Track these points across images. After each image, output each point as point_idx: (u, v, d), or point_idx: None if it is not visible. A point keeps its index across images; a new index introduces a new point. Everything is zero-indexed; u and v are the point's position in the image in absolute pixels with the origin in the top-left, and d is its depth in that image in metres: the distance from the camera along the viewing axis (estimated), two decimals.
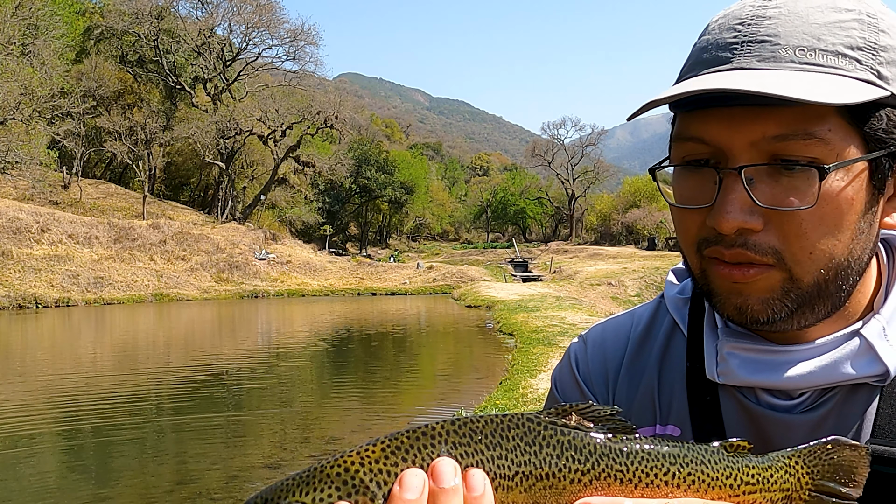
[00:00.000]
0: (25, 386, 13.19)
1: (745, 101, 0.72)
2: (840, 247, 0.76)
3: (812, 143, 0.72)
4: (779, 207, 0.74)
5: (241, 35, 59.78)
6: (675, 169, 0.83)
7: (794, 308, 0.77)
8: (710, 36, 0.80)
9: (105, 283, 35.09)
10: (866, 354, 0.80)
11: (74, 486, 7.34)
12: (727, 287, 0.79)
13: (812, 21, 0.73)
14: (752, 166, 0.74)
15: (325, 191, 70.62)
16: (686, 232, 0.82)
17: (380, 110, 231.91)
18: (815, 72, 0.71)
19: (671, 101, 0.79)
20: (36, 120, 41.22)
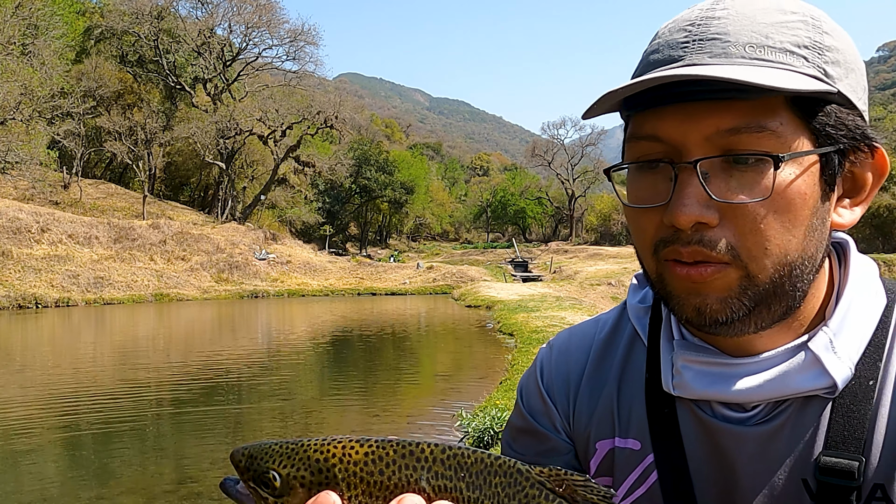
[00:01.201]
0: (25, 386, 13.20)
1: (699, 97, 0.74)
2: (794, 243, 0.77)
3: (765, 135, 0.74)
4: (733, 201, 0.75)
5: (241, 35, 59.87)
6: (629, 170, 0.83)
7: (752, 307, 0.78)
8: (660, 39, 0.82)
9: (105, 283, 35.10)
10: (813, 367, 0.80)
11: (74, 485, 7.34)
12: (685, 288, 0.79)
13: (760, 21, 0.76)
14: (707, 159, 0.75)
15: (325, 191, 70.63)
16: (643, 234, 0.82)
17: (380, 110, 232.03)
18: (766, 66, 0.73)
19: (624, 100, 0.80)
20: (36, 120, 41.21)
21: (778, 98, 0.74)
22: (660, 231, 0.79)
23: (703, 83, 0.73)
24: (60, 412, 10.78)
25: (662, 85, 0.75)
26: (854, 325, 0.83)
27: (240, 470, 0.67)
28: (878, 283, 0.89)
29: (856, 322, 0.83)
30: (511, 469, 0.61)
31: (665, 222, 0.77)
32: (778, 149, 0.74)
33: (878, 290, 0.88)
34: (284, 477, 0.63)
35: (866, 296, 0.86)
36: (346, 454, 0.62)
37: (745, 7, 0.77)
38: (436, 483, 0.60)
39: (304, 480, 0.62)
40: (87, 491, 7.15)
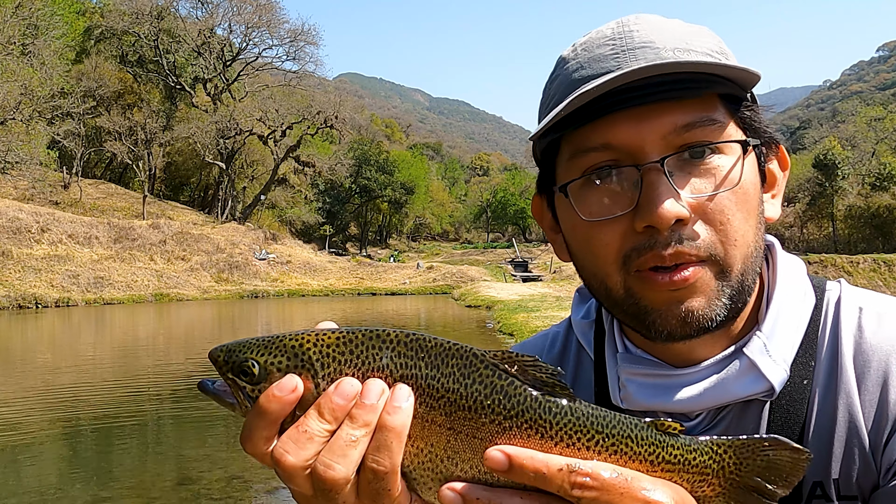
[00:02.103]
0: (25, 386, 13.19)
1: (649, 100, 0.77)
2: (752, 234, 0.81)
3: (716, 128, 0.78)
4: (703, 194, 0.77)
5: (241, 35, 59.91)
6: (574, 189, 0.82)
7: (730, 305, 0.79)
8: (577, 61, 0.84)
9: (105, 283, 35.09)
10: (750, 373, 0.82)
11: (74, 486, 7.34)
12: (665, 298, 0.78)
13: (674, 32, 0.82)
14: (672, 155, 0.77)
15: (325, 191, 70.62)
16: (605, 248, 0.80)
17: (380, 110, 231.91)
18: (702, 58, 0.79)
19: (562, 120, 0.80)
20: (36, 120, 41.22)
21: (714, 96, 0.80)
22: (629, 240, 0.78)
23: (649, 86, 0.76)
24: (60, 412, 10.78)
25: (609, 93, 0.77)
26: (786, 328, 0.85)
27: (218, 365, 0.70)
28: (807, 281, 0.91)
29: (788, 324, 0.85)
30: (467, 353, 0.67)
31: (637, 228, 0.77)
32: (727, 139, 0.79)
33: (807, 290, 0.90)
34: (262, 364, 0.67)
35: (796, 296, 0.88)
36: (320, 339, 0.67)
37: (655, 23, 0.83)
38: (398, 361, 0.66)
39: (280, 365, 0.67)
40: (87, 490, 7.15)
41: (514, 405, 0.65)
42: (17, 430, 9.60)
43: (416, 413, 0.66)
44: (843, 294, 0.89)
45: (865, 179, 52.58)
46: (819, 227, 53.47)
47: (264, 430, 0.65)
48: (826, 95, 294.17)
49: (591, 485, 0.62)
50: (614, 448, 0.67)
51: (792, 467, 0.72)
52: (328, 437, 0.64)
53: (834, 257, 38.95)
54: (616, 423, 0.67)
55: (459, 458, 0.66)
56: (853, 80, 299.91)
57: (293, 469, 0.64)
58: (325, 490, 0.64)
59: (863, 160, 56.73)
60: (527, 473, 0.63)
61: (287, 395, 0.64)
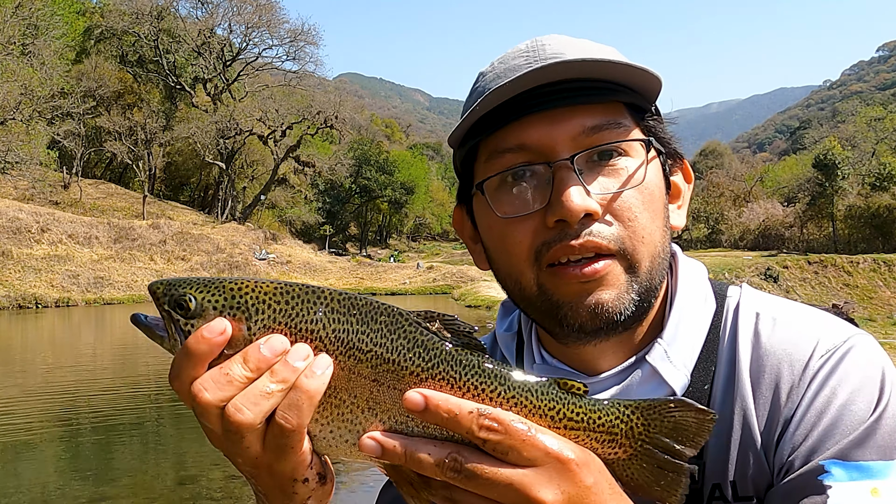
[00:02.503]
0: (26, 386, 13.19)
1: (560, 103, 0.83)
2: (658, 234, 0.86)
3: (622, 130, 0.85)
4: (611, 191, 0.83)
5: (241, 35, 59.88)
6: (490, 190, 0.87)
7: (637, 300, 0.84)
8: (493, 72, 0.90)
9: (105, 282, 35.09)
10: (653, 379, 0.87)
11: (75, 484, 7.34)
12: (576, 290, 0.83)
13: (583, 46, 0.89)
14: (582, 153, 0.83)
15: (325, 191, 70.61)
16: (518, 246, 0.85)
17: (380, 110, 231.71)
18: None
19: (476, 123, 0.86)
20: (36, 120, 41.21)
21: (619, 104, 0.86)
22: (540, 235, 0.83)
23: (561, 91, 0.83)
24: (60, 412, 10.78)
25: (521, 98, 0.83)
26: (687, 334, 0.89)
27: (157, 296, 0.73)
28: (708, 287, 0.95)
29: (688, 330, 0.89)
30: (395, 312, 0.72)
31: (548, 223, 0.82)
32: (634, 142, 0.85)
33: (707, 296, 0.94)
34: (199, 300, 0.70)
35: (697, 303, 0.92)
36: (258, 287, 0.71)
37: (563, 40, 0.90)
38: (331, 316, 0.70)
39: (217, 304, 0.70)
40: (88, 489, 7.15)
41: (430, 358, 0.70)
42: (18, 430, 9.60)
43: (345, 366, 0.70)
44: (741, 299, 0.93)
45: (865, 179, 52.57)
46: (819, 227, 53.44)
47: (191, 368, 0.68)
48: (826, 95, 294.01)
49: (497, 428, 0.66)
50: (516, 401, 0.70)
51: (698, 428, 0.74)
52: (247, 383, 0.67)
53: (834, 257, 38.91)
54: (519, 378, 0.71)
55: (380, 409, 0.70)
56: (853, 80, 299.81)
57: (207, 406, 0.66)
58: (231, 431, 0.67)
59: (863, 160, 56.71)
60: (440, 414, 0.66)
61: (215, 338, 0.67)
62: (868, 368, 0.84)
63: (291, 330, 0.70)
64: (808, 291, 35.28)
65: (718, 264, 37.19)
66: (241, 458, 0.70)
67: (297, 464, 0.70)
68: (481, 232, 0.93)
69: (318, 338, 0.70)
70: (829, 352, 0.85)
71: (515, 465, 0.66)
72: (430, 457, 0.67)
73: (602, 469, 0.71)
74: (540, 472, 0.66)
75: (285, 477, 0.71)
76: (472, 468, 0.66)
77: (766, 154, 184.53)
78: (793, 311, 0.91)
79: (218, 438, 0.69)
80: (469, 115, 0.86)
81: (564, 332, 0.86)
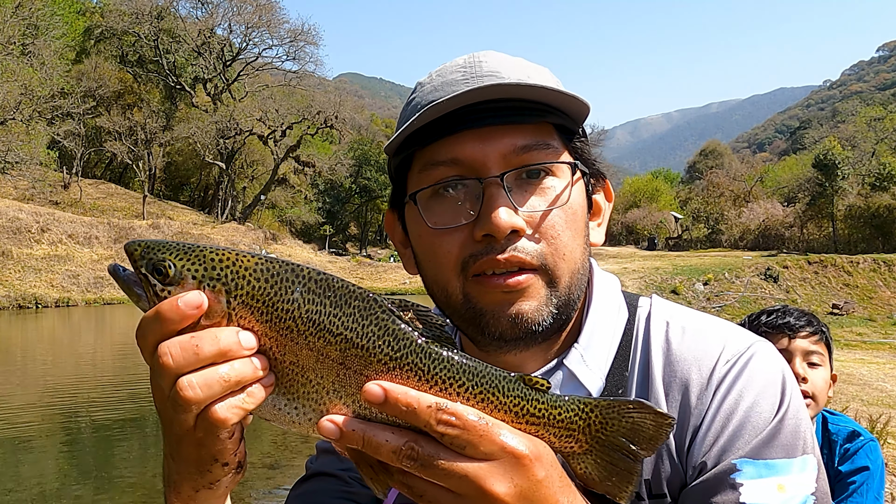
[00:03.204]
0: (26, 386, 13.19)
1: (492, 121, 0.87)
2: (579, 252, 0.91)
3: (550, 151, 0.89)
4: (537, 209, 0.87)
5: (241, 35, 59.90)
6: (422, 200, 0.90)
7: (556, 313, 0.88)
8: (431, 84, 0.94)
9: (105, 283, 35.08)
10: (570, 382, 0.93)
11: (74, 484, 7.34)
12: (498, 300, 0.87)
13: (518, 66, 0.93)
14: (512, 171, 0.87)
15: (325, 191, 70.62)
16: (446, 256, 0.89)
17: (380, 110, 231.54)
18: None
19: (413, 135, 0.89)
20: (36, 120, 41.22)
21: (549, 125, 0.91)
22: (467, 248, 0.87)
23: (493, 109, 0.87)
24: (60, 412, 10.78)
25: (457, 113, 0.87)
26: (601, 340, 0.96)
27: (134, 258, 0.72)
28: (621, 298, 1.01)
29: (602, 337, 0.96)
30: (370, 298, 0.72)
31: (476, 236, 0.86)
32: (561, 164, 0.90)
33: (620, 306, 1.00)
34: (179, 268, 0.69)
35: (610, 312, 0.98)
36: (239, 261, 0.70)
37: (500, 58, 0.94)
38: (307, 296, 0.70)
39: (196, 274, 0.70)
40: (87, 489, 7.15)
41: (399, 348, 0.71)
42: (18, 430, 9.60)
43: (313, 346, 0.70)
44: (652, 309, 0.99)
45: (865, 179, 52.52)
46: (819, 227, 53.40)
47: (159, 331, 0.69)
48: (826, 95, 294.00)
49: (455, 423, 0.67)
50: (482, 396, 0.71)
51: (655, 430, 0.76)
52: (209, 363, 0.68)
53: (834, 257, 38.87)
54: (487, 374, 0.72)
55: (345, 392, 0.71)
56: (853, 80, 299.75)
57: (167, 371, 0.68)
58: (175, 401, 0.68)
59: (863, 160, 56.65)
60: (399, 407, 0.68)
61: (190, 311, 0.68)
62: (770, 373, 0.91)
63: (267, 307, 0.70)
64: (808, 291, 35.27)
65: (718, 264, 37.17)
66: (176, 426, 0.71)
67: (225, 449, 0.73)
68: (412, 239, 0.96)
69: (292, 317, 0.70)
70: (734, 357, 0.92)
71: (472, 458, 0.68)
72: (388, 443, 0.68)
73: (554, 463, 0.73)
74: (495, 465, 0.68)
75: (209, 455, 0.73)
76: (429, 458, 0.68)
77: (766, 154, 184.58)
78: (700, 321, 0.98)
79: (162, 400, 0.71)
80: (406, 127, 0.88)
81: (486, 339, 0.89)
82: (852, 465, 2.10)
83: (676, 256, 44.90)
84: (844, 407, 8.05)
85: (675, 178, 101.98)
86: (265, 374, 0.70)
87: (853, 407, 8.59)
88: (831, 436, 2.19)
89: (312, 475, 1.09)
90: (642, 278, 33.90)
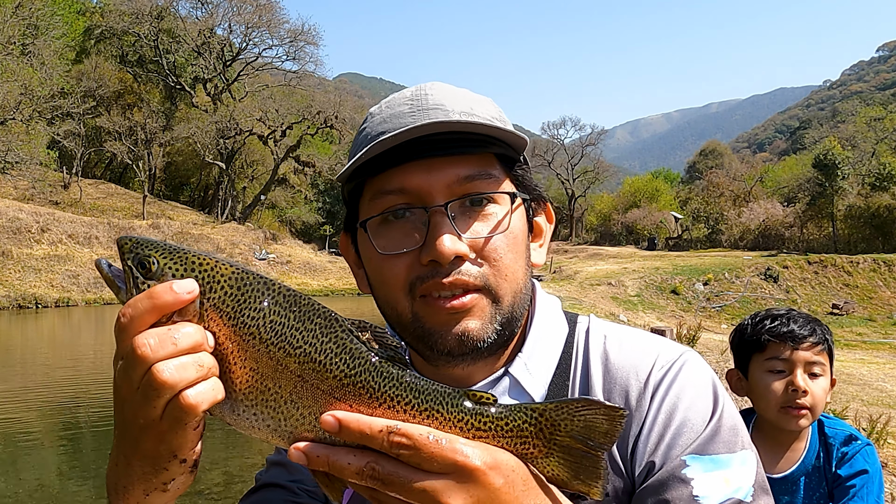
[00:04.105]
0: (26, 386, 13.19)
1: (437, 153, 0.93)
2: (521, 272, 0.98)
3: (492, 181, 0.96)
4: (480, 235, 0.94)
5: (241, 35, 59.85)
6: (371, 225, 0.96)
7: (500, 329, 0.95)
8: (381, 115, 1.00)
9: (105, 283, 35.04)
10: (515, 388, 1.00)
11: (74, 485, 7.34)
12: (444, 320, 0.93)
13: (462, 98, 0.99)
14: (455, 200, 0.93)
15: (325, 191, 70.62)
16: (395, 278, 0.95)
17: None
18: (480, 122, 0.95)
19: (363, 165, 0.95)
20: (36, 120, 41.21)
21: (491, 155, 0.98)
22: (414, 270, 0.93)
23: (438, 141, 0.93)
24: (60, 412, 10.78)
25: (404, 145, 0.93)
26: (543, 351, 1.03)
27: (123, 251, 0.78)
28: (561, 315, 1.09)
29: (545, 348, 1.03)
30: (332, 317, 0.77)
31: (422, 261, 0.92)
32: (501, 191, 0.97)
33: (560, 322, 1.08)
34: (161, 265, 0.75)
35: (552, 325, 1.06)
36: (218, 266, 0.76)
37: (445, 90, 1.00)
38: (274, 308, 0.75)
39: (176, 273, 0.75)
40: (87, 489, 7.15)
41: (355, 366, 0.75)
42: (17, 430, 9.60)
43: (274, 356, 0.74)
44: (590, 325, 1.08)
45: (865, 179, 52.47)
46: (819, 227, 53.36)
47: (140, 319, 0.73)
48: (826, 95, 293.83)
49: (407, 444, 0.71)
50: (428, 412, 0.75)
51: (609, 423, 0.78)
52: (184, 353, 0.72)
53: (834, 257, 38.86)
54: (432, 391, 0.76)
55: (301, 404, 0.75)
56: (853, 80, 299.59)
57: (143, 359, 0.72)
58: (150, 388, 0.72)
59: (863, 160, 56.61)
60: (353, 434, 0.72)
61: (182, 295, 0.73)
62: (701, 377, 1.00)
63: (236, 312, 0.75)
64: (808, 291, 35.27)
65: (718, 264, 37.16)
66: (140, 418, 0.75)
67: (187, 442, 0.76)
68: (364, 261, 1.03)
69: (256, 324, 0.74)
70: (667, 363, 1.00)
71: (429, 473, 0.72)
72: (351, 466, 0.72)
73: (515, 468, 0.77)
74: (450, 479, 0.72)
75: (168, 450, 0.76)
76: (389, 476, 0.72)
77: (766, 154, 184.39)
78: (635, 335, 1.07)
79: (130, 391, 0.76)
80: (355, 160, 0.94)
81: (434, 355, 0.95)
82: (851, 469, 2.08)
83: (676, 256, 44.89)
84: (844, 407, 8.04)
85: (675, 178, 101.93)
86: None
87: (853, 407, 8.58)
88: (828, 439, 2.16)
89: (261, 486, 1.13)
90: (642, 278, 33.88)
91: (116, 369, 0.78)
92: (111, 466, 0.84)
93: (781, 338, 2.12)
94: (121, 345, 0.76)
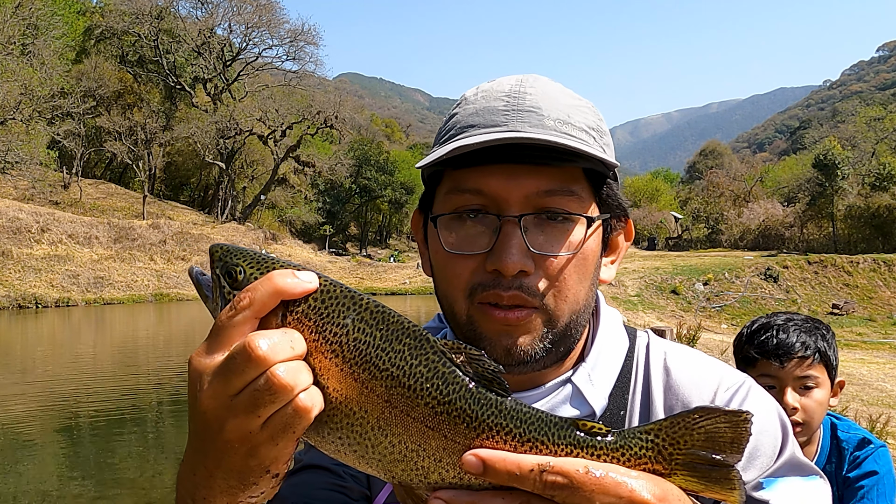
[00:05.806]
0: (25, 386, 13.19)
1: (521, 160, 0.89)
2: (583, 293, 0.94)
3: (573, 199, 0.91)
4: (549, 253, 0.90)
5: (241, 35, 59.87)
6: (442, 219, 0.94)
7: (550, 347, 0.92)
8: (475, 105, 0.96)
9: (105, 282, 35.09)
10: (577, 397, 0.97)
11: (74, 484, 7.35)
12: (498, 330, 0.90)
13: (561, 102, 0.94)
14: (530, 215, 0.89)
15: (325, 191, 70.58)
16: (457, 278, 0.92)
17: (380, 110, 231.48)
18: (572, 139, 0.90)
19: (449, 158, 0.90)
20: (36, 120, 41.22)
21: (578, 169, 0.92)
22: (477, 276, 0.90)
23: (524, 147, 0.88)
24: (60, 412, 10.79)
25: (489, 147, 0.88)
26: (605, 363, 1.01)
27: (213, 259, 0.75)
28: (623, 329, 1.08)
29: (607, 360, 1.01)
30: (422, 337, 0.70)
31: (487, 268, 0.89)
32: (581, 210, 0.92)
33: (622, 335, 1.07)
34: (248, 275, 0.73)
35: (614, 339, 1.05)
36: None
37: (546, 88, 0.95)
38: (359, 325, 0.69)
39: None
40: (87, 489, 7.15)
41: (448, 392, 0.68)
42: (18, 430, 9.61)
43: (358, 377, 0.69)
44: (651, 340, 1.07)
45: (865, 179, 52.49)
46: (819, 227, 53.39)
47: (245, 319, 0.68)
48: (826, 95, 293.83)
49: (562, 483, 0.65)
50: (532, 443, 0.68)
51: (734, 432, 0.71)
52: (302, 357, 0.68)
53: (834, 257, 38.86)
54: (537, 419, 0.69)
55: (390, 431, 0.69)
56: (853, 80, 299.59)
57: (259, 362, 0.65)
58: (266, 389, 0.65)
59: (863, 160, 56.63)
60: (500, 475, 0.66)
61: (297, 286, 0.69)
62: (768, 403, 0.99)
63: (319, 326, 0.69)
64: (808, 291, 35.27)
65: (718, 264, 37.16)
66: (231, 430, 0.67)
67: (284, 455, 0.70)
68: (430, 251, 1.00)
69: (339, 342, 0.69)
70: (734, 386, 0.99)
71: None
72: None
73: (681, 497, 0.70)
74: None
75: (260, 465, 0.69)
76: None
77: (766, 154, 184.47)
78: (694, 354, 1.06)
79: (223, 399, 0.67)
80: (440, 153, 0.91)
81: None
82: (860, 471, 2.05)
83: (676, 256, 44.89)
84: (844, 407, 8.04)
85: (675, 178, 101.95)
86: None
87: (853, 407, 8.59)
88: (841, 443, 2.12)
89: (303, 467, 1.07)
90: (642, 278, 33.88)
91: (207, 375, 0.68)
92: (186, 474, 0.75)
93: (767, 355, 2.08)
94: (223, 345, 0.68)
